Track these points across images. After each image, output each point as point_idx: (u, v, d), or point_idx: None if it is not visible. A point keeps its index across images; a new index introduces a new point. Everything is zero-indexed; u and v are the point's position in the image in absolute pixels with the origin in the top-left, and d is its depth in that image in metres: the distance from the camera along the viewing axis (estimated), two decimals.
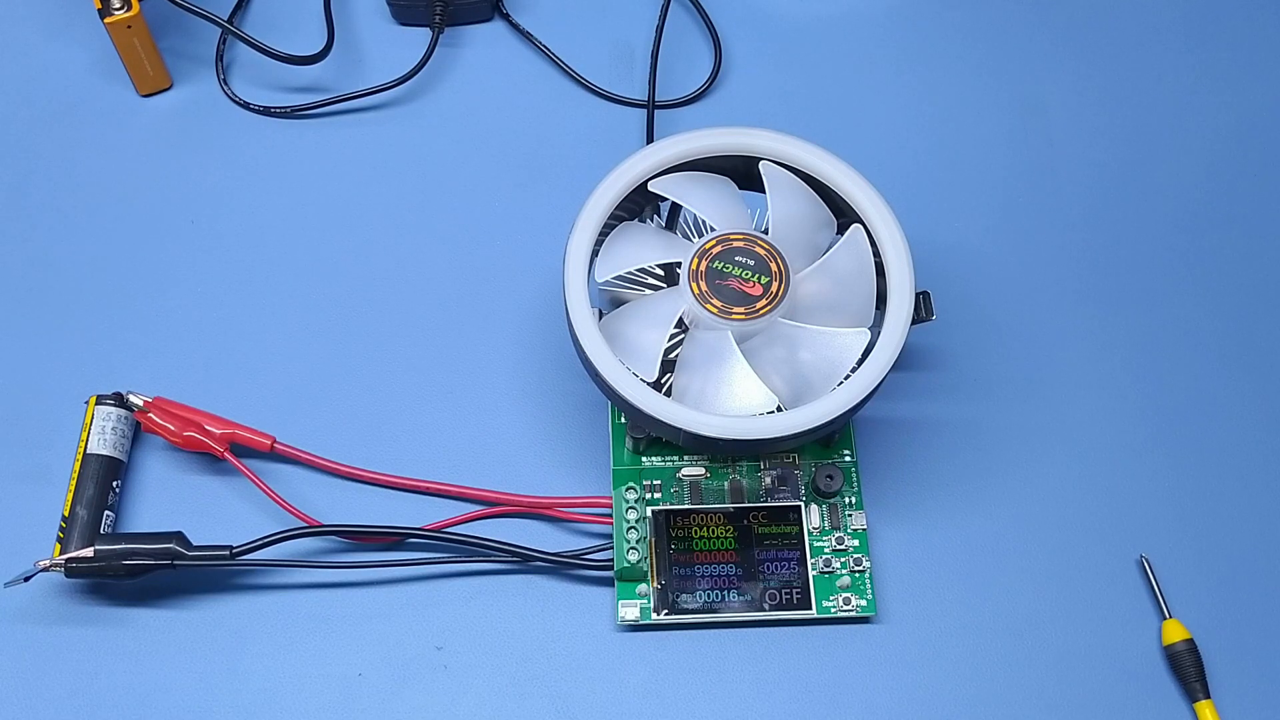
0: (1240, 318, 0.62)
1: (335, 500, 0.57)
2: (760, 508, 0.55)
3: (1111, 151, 0.66)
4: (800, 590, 0.54)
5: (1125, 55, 0.69)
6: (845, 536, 0.55)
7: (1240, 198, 0.65)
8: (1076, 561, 0.56)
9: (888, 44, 0.69)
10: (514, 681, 0.53)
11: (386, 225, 0.64)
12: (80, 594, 0.54)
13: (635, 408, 0.51)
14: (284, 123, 0.67)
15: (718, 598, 0.54)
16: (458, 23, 0.69)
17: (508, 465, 0.57)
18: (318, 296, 0.62)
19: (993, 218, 0.64)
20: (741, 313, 0.52)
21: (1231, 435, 0.59)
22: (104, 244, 0.63)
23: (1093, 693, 0.53)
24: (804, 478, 0.56)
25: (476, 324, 0.61)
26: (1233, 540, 0.56)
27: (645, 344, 0.52)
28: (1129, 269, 0.63)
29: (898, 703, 0.53)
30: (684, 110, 0.67)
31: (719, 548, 0.54)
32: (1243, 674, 0.54)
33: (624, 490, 0.54)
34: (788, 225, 0.54)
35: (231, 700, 0.53)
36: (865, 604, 0.54)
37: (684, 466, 0.56)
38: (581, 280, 0.53)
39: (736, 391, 0.51)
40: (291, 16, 0.69)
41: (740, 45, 0.69)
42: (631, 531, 0.54)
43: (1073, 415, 0.59)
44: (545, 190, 0.64)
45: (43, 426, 0.58)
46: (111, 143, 0.66)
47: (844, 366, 0.52)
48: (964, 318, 0.61)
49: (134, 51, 0.64)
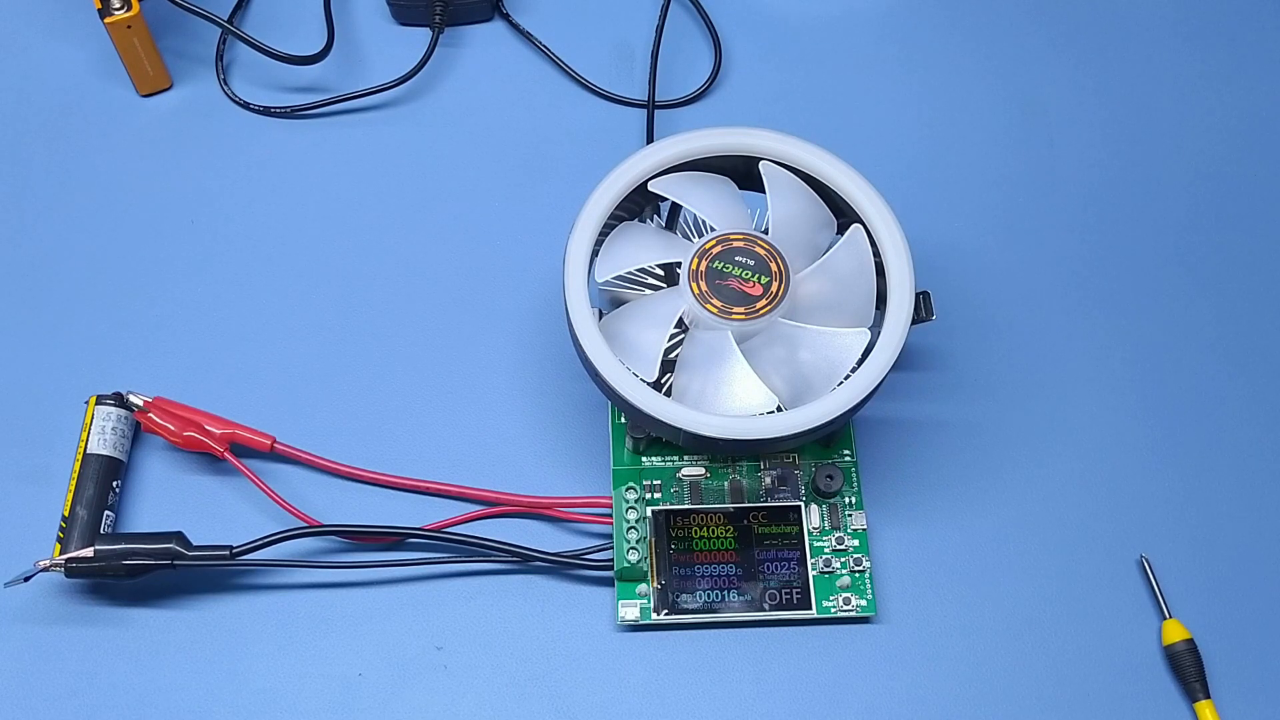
0: (1240, 318, 0.62)
1: (335, 500, 0.57)
2: (760, 508, 0.55)
3: (1111, 151, 0.66)
4: (800, 590, 0.54)
5: (1125, 56, 0.69)
6: (845, 536, 0.55)
7: (1240, 198, 0.65)
8: (1076, 561, 0.56)
9: (888, 44, 0.69)
10: (514, 681, 0.53)
11: (387, 225, 0.64)
12: (80, 594, 0.54)
13: (635, 408, 0.51)
14: (284, 123, 0.67)
15: (718, 598, 0.54)
16: (458, 23, 0.69)
17: (508, 465, 0.57)
18: (318, 296, 0.62)
19: (993, 218, 0.64)
20: (741, 313, 0.52)
21: (1231, 435, 0.59)
22: (104, 244, 0.63)
23: (1093, 693, 0.53)
24: (804, 478, 0.56)
25: (476, 324, 0.61)
26: (1233, 540, 0.56)
27: (645, 344, 0.52)
28: (1129, 269, 0.63)
29: (898, 703, 0.53)
30: (684, 110, 0.67)
31: (719, 548, 0.54)
32: (1243, 674, 0.54)
33: (624, 490, 0.54)
34: (788, 225, 0.54)
35: (231, 700, 0.53)
36: (865, 604, 0.54)
37: (684, 466, 0.56)
38: (581, 280, 0.53)
39: (736, 391, 0.51)
40: (291, 16, 0.69)
41: (740, 45, 0.69)
42: (631, 531, 0.53)
43: (1073, 415, 0.59)
44: (545, 190, 0.64)
45: (43, 426, 0.58)
46: (111, 143, 0.66)
47: (844, 366, 0.52)
48: (964, 318, 0.61)
49: (134, 51, 0.64)
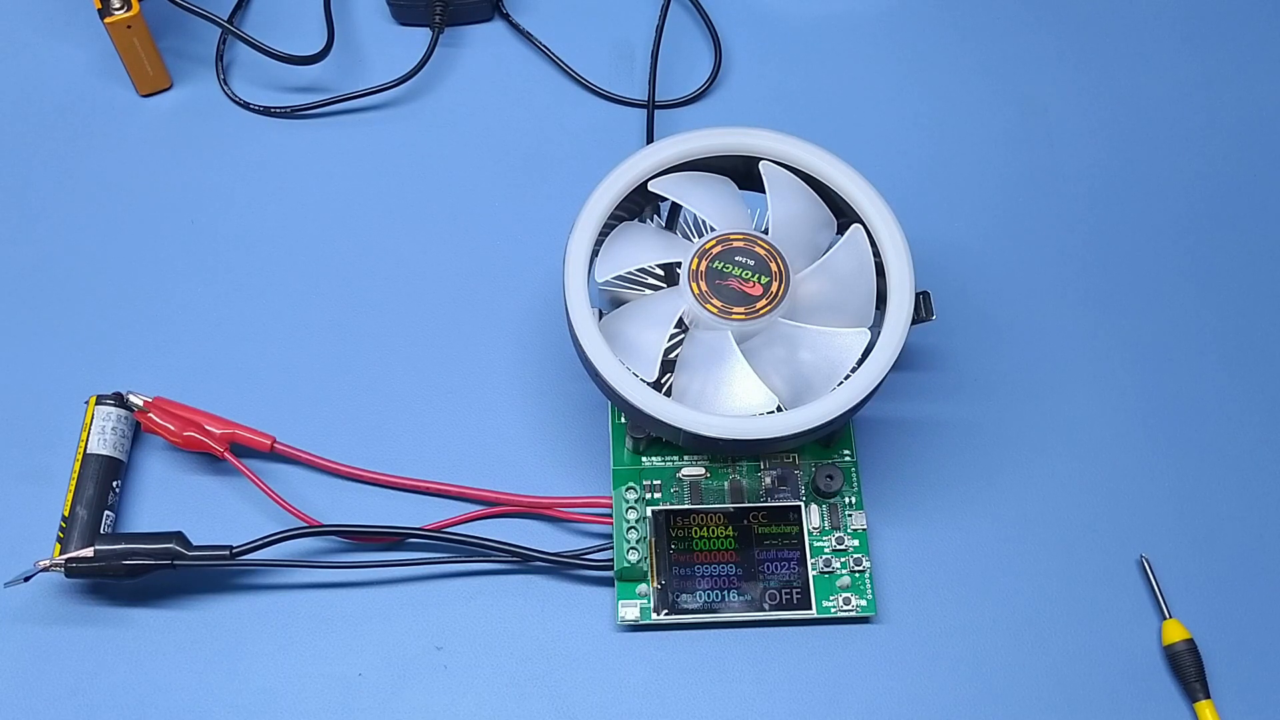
0: (1240, 317, 0.62)
1: (335, 500, 0.57)
2: (760, 508, 0.55)
3: (1111, 151, 0.66)
4: (800, 590, 0.54)
5: (1125, 56, 0.69)
6: (845, 536, 0.55)
7: (1240, 198, 0.65)
8: (1076, 561, 0.56)
9: (888, 44, 0.69)
10: (514, 681, 0.53)
11: (386, 225, 0.64)
12: (80, 594, 0.54)
13: (635, 408, 0.51)
14: (284, 123, 0.67)
15: (718, 598, 0.54)
16: (458, 23, 0.69)
17: (508, 465, 0.57)
18: (318, 296, 0.62)
19: (993, 217, 0.64)
20: (741, 313, 0.52)
21: (1231, 435, 0.59)
22: (104, 244, 0.63)
23: (1093, 693, 0.53)
24: (804, 478, 0.56)
25: (476, 324, 0.61)
26: (1233, 540, 0.56)
27: (645, 344, 0.52)
28: (1129, 269, 0.63)
29: (898, 703, 0.53)
30: (684, 110, 0.67)
31: (719, 548, 0.54)
32: (1243, 674, 0.54)
33: (624, 490, 0.54)
34: (788, 225, 0.54)
35: (231, 700, 0.53)
36: (865, 604, 0.54)
37: (684, 466, 0.56)
38: (582, 280, 0.53)
39: (736, 391, 0.51)
40: (291, 16, 0.69)
41: (740, 45, 0.69)
42: (631, 531, 0.53)
43: (1072, 415, 0.59)
44: (545, 190, 0.64)
45: (43, 426, 0.58)
46: (111, 143, 0.66)
47: (844, 366, 0.52)
48: (964, 318, 0.61)
49: (134, 51, 0.64)
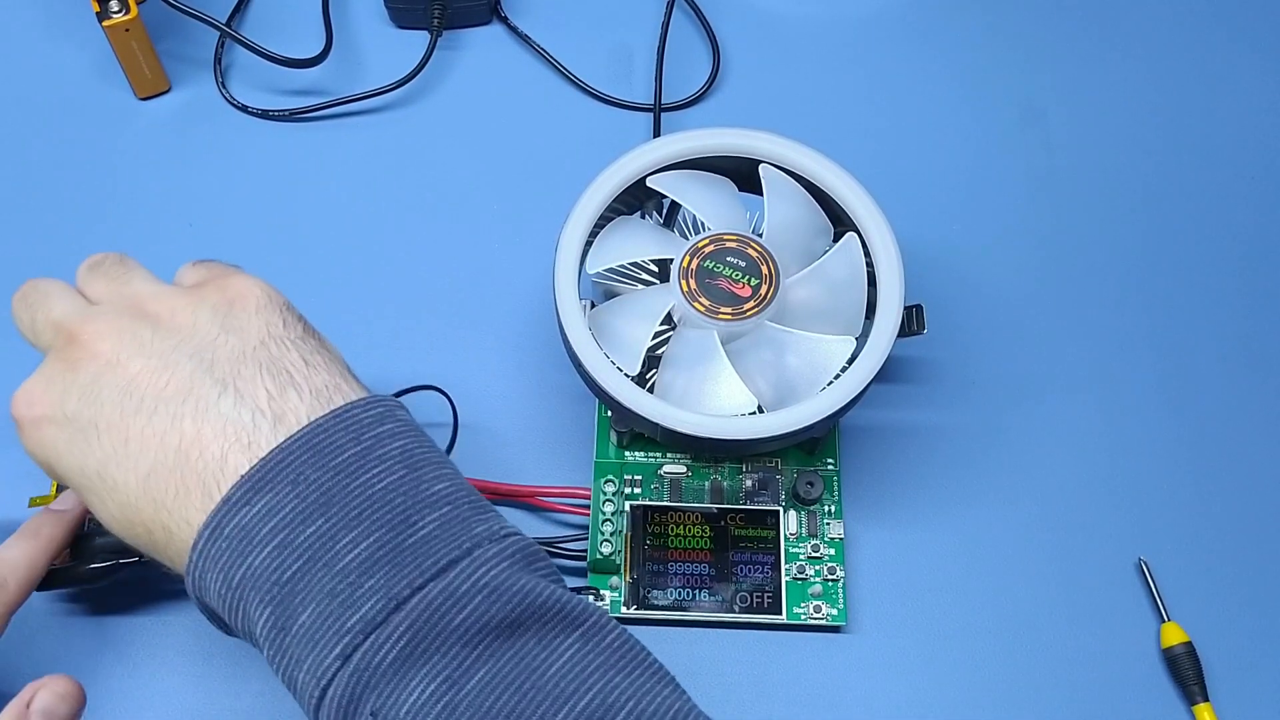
0: (1240, 319, 0.62)
1: None
2: (739, 510, 0.55)
3: (1110, 157, 0.66)
4: (772, 595, 0.53)
5: (1124, 60, 0.69)
6: (822, 544, 0.54)
7: (1239, 200, 0.65)
8: (1075, 564, 0.56)
9: (886, 47, 0.69)
10: None
11: (384, 229, 0.64)
12: (74, 598, 0.54)
13: (615, 400, 0.50)
14: (282, 126, 0.67)
15: (689, 596, 0.53)
16: (456, 26, 0.70)
17: (493, 453, 0.57)
18: (316, 299, 0.61)
19: (991, 221, 0.64)
20: (728, 313, 0.52)
21: (1231, 436, 0.59)
22: (103, 247, 0.61)
23: (1091, 696, 0.53)
24: (785, 483, 0.56)
25: (475, 324, 0.61)
26: (1232, 543, 0.56)
27: (631, 338, 0.52)
28: (1129, 272, 0.63)
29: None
30: (682, 113, 0.67)
31: (694, 546, 0.54)
32: (1241, 677, 0.53)
33: (603, 483, 0.54)
34: (783, 229, 0.54)
35: (231, 702, 0.53)
36: (836, 613, 0.53)
37: (666, 464, 0.56)
38: (572, 270, 0.52)
39: (719, 391, 0.51)
40: (290, 20, 0.69)
41: (739, 49, 0.69)
42: (607, 524, 0.53)
43: (1071, 417, 0.59)
44: (543, 193, 0.64)
45: None
46: (110, 146, 0.66)
47: (829, 373, 0.51)
48: (960, 322, 0.61)
49: (132, 55, 0.64)
